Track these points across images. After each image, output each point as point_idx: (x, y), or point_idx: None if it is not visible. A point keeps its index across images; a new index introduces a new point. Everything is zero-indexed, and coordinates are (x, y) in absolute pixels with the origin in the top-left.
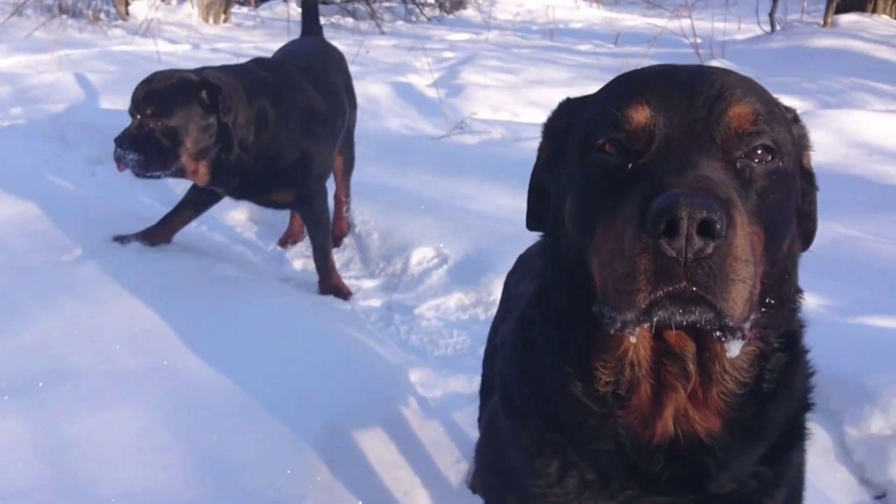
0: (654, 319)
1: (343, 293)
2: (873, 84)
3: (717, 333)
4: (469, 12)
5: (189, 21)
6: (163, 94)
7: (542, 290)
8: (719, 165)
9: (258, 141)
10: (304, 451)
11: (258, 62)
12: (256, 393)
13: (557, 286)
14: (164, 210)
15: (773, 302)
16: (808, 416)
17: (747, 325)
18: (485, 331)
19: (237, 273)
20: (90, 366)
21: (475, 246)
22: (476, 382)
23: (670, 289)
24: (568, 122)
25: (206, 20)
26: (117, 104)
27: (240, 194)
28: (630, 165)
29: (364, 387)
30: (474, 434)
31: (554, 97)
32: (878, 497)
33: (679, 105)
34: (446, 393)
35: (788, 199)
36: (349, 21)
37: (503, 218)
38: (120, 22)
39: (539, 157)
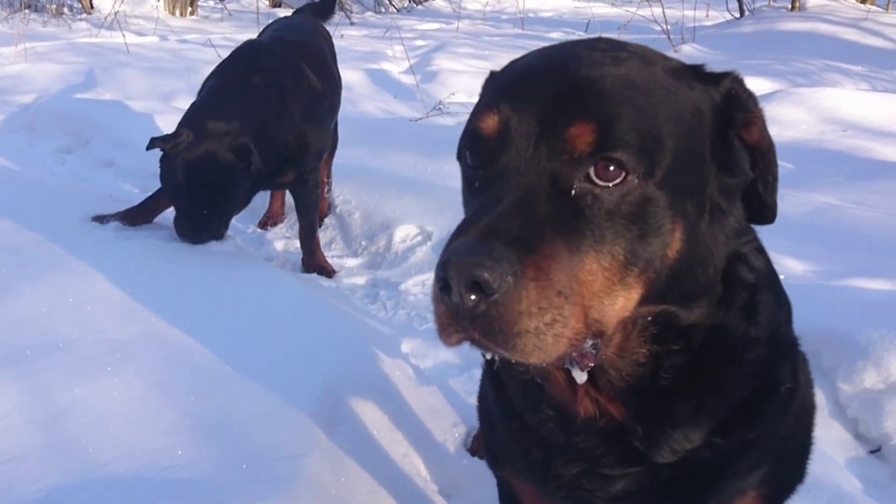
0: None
1: (327, 271)
2: (842, 65)
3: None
4: (438, 2)
5: (155, 14)
6: (209, 173)
7: None
8: (545, 194)
9: (272, 146)
10: (302, 414)
11: (248, 58)
12: (251, 360)
13: None
14: (140, 195)
15: (663, 303)
16: (790, 392)
17: (583, 356)
18: None
19: (220, 249)
20: (82, 336)
21: (458, 222)
22: (467, 353)
23: (460, 336)
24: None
25: (173, 13)
26: (86, 94)
27: (260, 183)
28: (476, 183)
29: (357, 355)
30: (470, 399)
31: None
32: (872, 451)
33: (527, 114)
34: (438, 363)
35: (665, 210)
36: None
37: None
38: (84, 15)
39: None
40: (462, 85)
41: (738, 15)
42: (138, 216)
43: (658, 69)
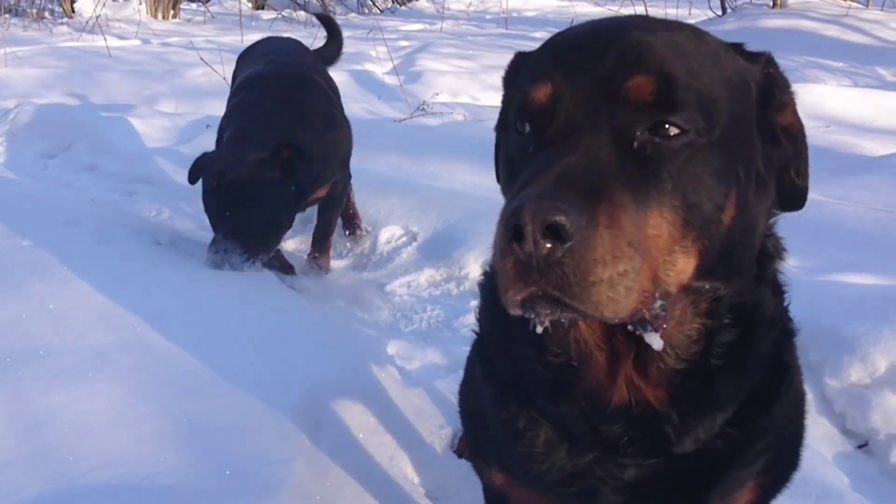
0: (533, 314)
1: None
2: (824, 61)
3: (630, 327)
4: (422, 3)
5: (137, 17)
6: (248, 188)
7: None
8: (608, 148)
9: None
10: (286, 419)
11: (260, 90)
12: (233, 364)
13: None
14: (124, 199)
15: (714, 278)
16: (792, 375)
17: (655, 317)
18: (458, 305)
19: (201, 255)
20: (60, 342)
21: (444, 222)
22: (454, 354)
23: (530, 290)
24: (514, 77)
25: (155, 16)
26: (68, 98)
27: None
28: (530, 149)
29: (341, 357)
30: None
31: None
32: (860, 446)
33: (582, 79)
34: (424, 364)
35: (720, 172)
36: (301, 14)
37: (471, 195)
38: (65, 20)
39: (500, 110)
40: (446, 85)
41: (720, 13)
42: None
43: (708, 38)
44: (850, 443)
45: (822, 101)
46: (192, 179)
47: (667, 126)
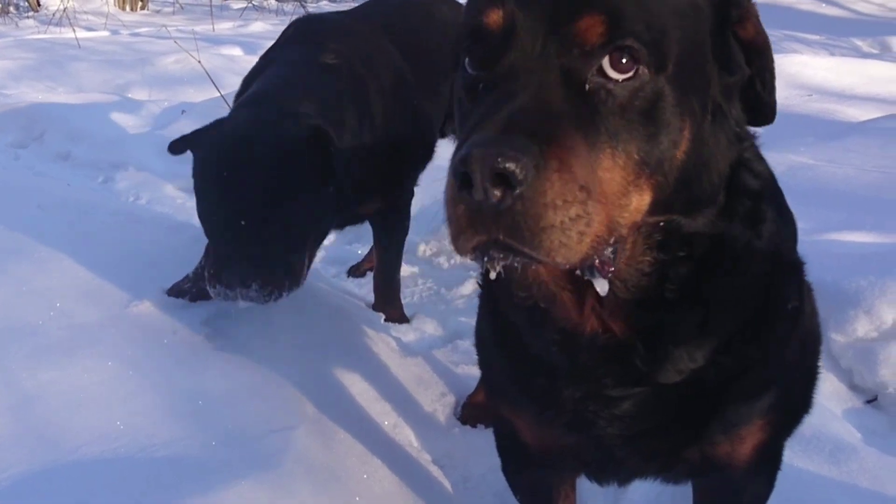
0: (486, 260)
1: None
2: (801, 35)
3: (577, 271)
4: None
5: (105, 9)
6: (272, 178)
7: None
8: (560, 89)
9: (353, 156)
10: (286, 386)
11: (307, 36)
12: (228, 334)
13: None
14: (100, 185)
15: (669, 212)
16: (796, 307)
17: (603, 263)
18: (450, 278)
19: (187, 219)
20: (46, 321)
21: (432, 197)
22: (449, 325)
23: (481, 238)
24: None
25: (123, 8)
26: (38, 89)
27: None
28: (480, 86)
29: (338, 328)
30: (457, 371)
31: None
32: (868, 401)
33: (534, 11)
34: (420, 336)
35: (675, 107)
36: (272, 2)
37: None
38: (31, 13)
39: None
40: None
41: None
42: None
43: None
44: (858, 398)
45: (802, 70)
46: (176, 149)
47: (620, 62)
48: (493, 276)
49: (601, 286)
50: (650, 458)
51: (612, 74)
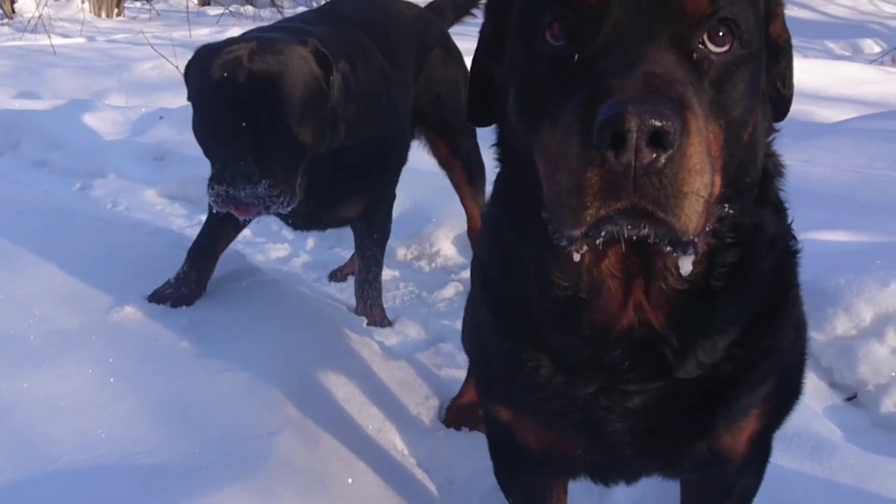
0: (603, 235)
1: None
2: None
3: (668, 248)
4: None
5: (80, 16)
6: (278, 81)
7: (505, 181)
8: (673, 57)
9: (349, 125)
10: (269, 391)
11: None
12: (210, 340)
13: (515, 182)
14: (78, 192)
15: (724, 197)
16: (794, 295)
17: (700, 238)
18: (431, 281)
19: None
20: (25, 328)
21: (412, 201)
22: (432, 328)
23: (619, 205)
24: None
25: (99, 14)
26: (13, 95)
27: (309, 217)
28: (576, 56)
29: (320, 332)
30: (440, 374)
31: None
32: (849, 399)
33: None
34: (403, 339)
35: (751, 88)
36: (249, 9)
37: (435, 172)
38: (5, 20)
39: (481, 40)
40: None
41: None
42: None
43: None
44: (839, 396)
45: None
46: (189, 75)
47: (718, 34)
48: (576, 258)
49: (687, 265)
50: (658, 454)
51: (710, 46)
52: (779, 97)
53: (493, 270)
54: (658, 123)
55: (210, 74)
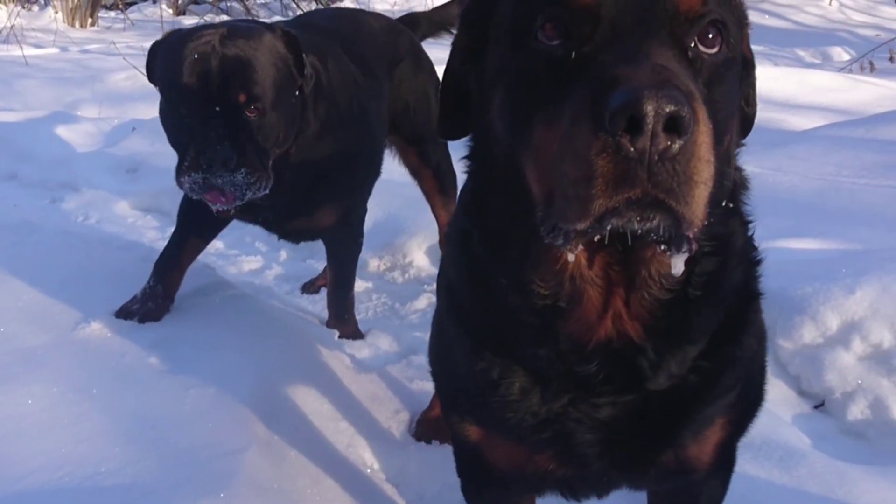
0: (608, 228)
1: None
2: None
3: (663, 247)
4: (345, 4)
5: (53, 26)
6: (251, 64)
7: (475, 196)
8: (672, 53)
9: (319, 124)
10: (237, 407)
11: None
12: (177, 356)
13: (492, 195)
14: (49, 206)
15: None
16: (757, 304)
17: (696, 234)
18: (404, 293)
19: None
20: None
21: (385, 212)
22: (404, 340)
23: (630, 193)
24: (489, 7)
25: (72, 24)
26: None
27: (277, 220)
28: (573, 54)
29: (290, 345)
30: (411, 386)
31: None
32: (816, 406)
33: None
34: (374, 352)
35: (735, 91)
36: (223, 19)
37: (408, 182)
38: None
39: (455, 52)
40: None
41: None
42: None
43: None
44: (807, 403)
45: None
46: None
47: (708, 35)
48: (571, 258)
49: (679, 265)
50: (627, 466)
51: (701, 47)
52: (743, 115)
53: (461, 288)
54: (674, 109)
55: (182, 58)
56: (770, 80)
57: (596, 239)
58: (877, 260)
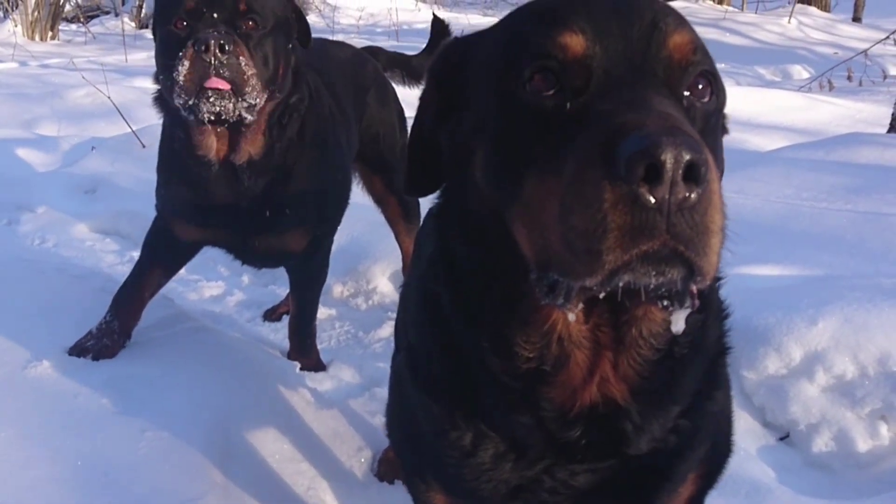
0: (619, 284)
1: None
2: None
3: (665, 302)
4: (312, 18)
5: (13, 39)
6: None
7: (444, 257)
8: (669, 102)
9: (300, 139)
10: (193, 451)
11: None
12: (132, 395)
13: (469, 254)
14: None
15: None
16: (725, 358)
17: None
18: (368, 320)
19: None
20: None
21: (349, 236)
22: (367, 371)
23: (648, 246)
24: (462, 63)
25: (32, 38)
26: None
27: (244, 234)
28: (569, 105)
29: (249, 381)
30: (374, 421)
31: (412, 92)
32: (781, 438)
33: (613, 33)
34: (337, 384)
35: (718, 139)
36: None
37: (371, 206)
38: None
39: (424, 109)
40: None
41: None
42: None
43: None
44: (772, 435)
45: None
46: None
47: (695, 88)
48: (571, 318)
49: (680, 322)
50: None
51: (693, 97)
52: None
53: (428, 353)
54: (693, 157)
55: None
56: (731, 98)
57: (601, 296)
58: (838, 288)
